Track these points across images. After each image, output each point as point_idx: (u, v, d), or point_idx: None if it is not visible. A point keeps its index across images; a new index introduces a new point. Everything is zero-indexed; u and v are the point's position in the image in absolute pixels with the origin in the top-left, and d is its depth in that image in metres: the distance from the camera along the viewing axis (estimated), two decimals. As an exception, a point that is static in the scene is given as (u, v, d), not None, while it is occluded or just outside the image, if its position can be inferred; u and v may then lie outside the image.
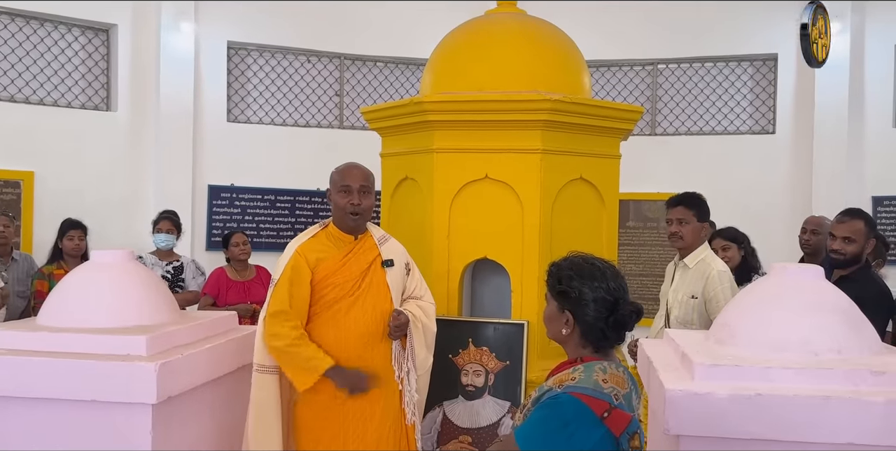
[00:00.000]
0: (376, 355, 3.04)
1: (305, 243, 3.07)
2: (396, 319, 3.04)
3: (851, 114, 6.77)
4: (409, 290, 3.25)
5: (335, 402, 2.97)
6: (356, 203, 3.03)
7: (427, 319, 3.21)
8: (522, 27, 4.30)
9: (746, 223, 5.17)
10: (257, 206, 7.17)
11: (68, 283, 2.44)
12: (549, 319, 1.98)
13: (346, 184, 3.05)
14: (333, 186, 3.11)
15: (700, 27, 7.34)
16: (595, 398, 1.77)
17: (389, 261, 3.13)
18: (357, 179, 3.07)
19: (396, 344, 3.09)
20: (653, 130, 7.64)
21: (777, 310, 2.08)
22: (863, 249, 3.42)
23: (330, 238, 3.11)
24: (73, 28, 6.58)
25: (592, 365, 1.87)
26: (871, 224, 3.46)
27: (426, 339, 3.19)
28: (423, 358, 3.18)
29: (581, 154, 4.00)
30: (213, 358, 2.39)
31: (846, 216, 3.49)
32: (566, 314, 1.92)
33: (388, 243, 3.21)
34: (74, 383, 2.12)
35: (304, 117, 7.56)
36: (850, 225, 3.42)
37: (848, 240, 3.40)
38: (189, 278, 5.12)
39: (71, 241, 4.91)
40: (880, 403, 1.82)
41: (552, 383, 1.88)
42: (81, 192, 6.30)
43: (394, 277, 3.14)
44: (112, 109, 6.69)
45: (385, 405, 3.04)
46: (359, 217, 3.06)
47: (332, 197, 3.10)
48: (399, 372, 3.07)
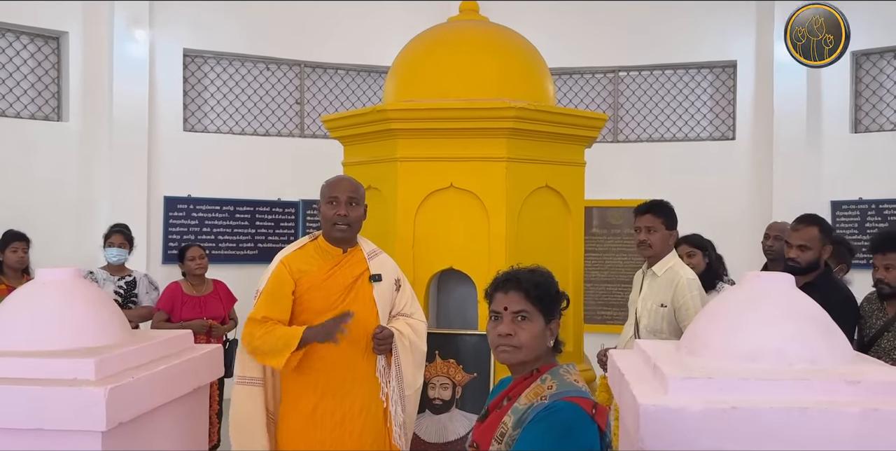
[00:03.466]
0: (360, 371, 2.99)
1: (291, 254, 3.07)
2: (380, 332, 2.99)
3: (810, 120, 6.87)
4: (399, 306, 3.20)
5: (315, 414, 2.94)
6: (343, 214, 3.01)
7: (416, 336, 3.15)
8: (486, 34, 4.27)
9: (708, 229, 5.19)
10: (215, 217, 7.00)
11: (11, 303, 2.30)
12: (536, 336, 1.90)
13: (333, 195, 3.04)
14: (322, 198, 3.09)
15: (660, 35, 7.40)
16: (583, 398, 1.80)
17: (377, 276, 3.09)
18: (345, 190, 3.06)
19: (381, 360, 3.04)
20: (615, 137, 7.67)
21: (749, 319, 2.04)
22: (819, 255, 3.41)
23: (318, 250, 3.08)
24: (21, 35, 6.37)
25: (556, 371, 1.90)
26: (825, 230, 3.46)
27: (415, 358, 3.14)
28: (412, 377, 3.13)
29: (546, 162, 3.97)
30: (167, 380, 2.27)
31: (800, 223, 3.48)
32: (552, 324, 1.92)
33: (378, 258, 3.18)
34: (17, 410, 1.98)
35: (263, 126, 7.43)
36: (804, 232, 3.41)
37: (803, 247, 3.39)
38: (142, 293, 4.96)
39: (14, 253, 4.74)
40: (856, 413, 1.79)
41: (528, 399, 1.85)
42: (31, 205, 6.09)
43: (381, 292, 3.10)
44: (63, 118, 6.49)
45: (366, 422, 2.98)
46: (346, 228, 3.04)
47: (321, 208, 3.09)
48: (384, 388, 3.01)
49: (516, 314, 1.89)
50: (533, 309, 1.89)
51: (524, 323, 1.88)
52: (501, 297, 1.93)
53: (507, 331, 1.88)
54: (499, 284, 1.95)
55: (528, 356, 1.89)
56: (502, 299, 1.92)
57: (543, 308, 1.91)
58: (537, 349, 1.90)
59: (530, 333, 1.88)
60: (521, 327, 1.88)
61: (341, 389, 2.96)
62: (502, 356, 1.91)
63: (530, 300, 1.89)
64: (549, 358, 1.94)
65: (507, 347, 1.89)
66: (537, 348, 1.89)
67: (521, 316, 1.89)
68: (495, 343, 1.92)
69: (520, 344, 1.88)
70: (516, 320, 1.89)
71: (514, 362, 1.92)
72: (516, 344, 1.88)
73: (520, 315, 1.89)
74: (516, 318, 1.89)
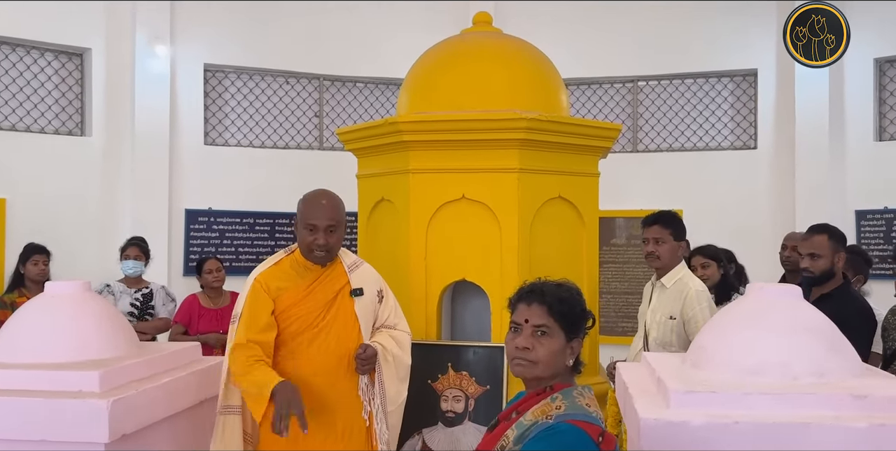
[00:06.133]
0: (341, 391, 2.84)
1: (267, 271, 2.92)
2: (363, 352, 2.84)
3: (832, 128, 6.76)
4: (382, 318, 3.05)
5: (297, 436, 2.69)
6: (322, 243, 2.84)
7: (399, 350, 2.99)
8: (498, 46, 4.27)
9: (730, 240, 5.14)
10: (236, 230, 7.07)
11: (21, 316, 2.34)
12: (555, 353, 1.84)
13: (312, 223, 2.84)
14: (300, 218, 2.90)
15: (679, 44, 7.35)
16: (590, 424, 1.72)
17: (358, 290, 2.94)
18: (324, 218, 2.84)
19: (364, 378, 2.90)
20: (634, 147, 7.62)
21: (754, 332, 2.01)
22: (832, 263, 3.36)
23: (294, 266, 2.93)
24: (46, 53, 6.50)
25: (570, 391, 1.82)
26: (836, 237, 3.41)
27: (398, 372, 2.99)
28: (396, 392, 2.98)
29: (559, 173, 3.95)
30: (171, 393, 2.29)
31: (809, 233, 3.46)
32: (573, 343, 1.86)
33: (359, 270, 3.02)
34: (22, 421, 2.01)
35: (283, 139, 7.49)
36: (814, 241, 3.37)
37: (814, 256, 3.35)
38: (159, 304, 5.01)
39: (35, 266, 4.80)
40: (862, 428, 1.75)
41: (534, 416, 1.79)
42: (55, 218, 6.18)
43: (363, 306, 2.95)
44: (86, 133, 6.60)
45: (350, 442, 2.85)
46: (325, 255, 2.88)
47: (298, 230, 2.92)
48: (367, 407, 2.88)
49: (537, 328, 1.83)
50: (555, 324, 1.83)
51: (544, 338, 1.83)
52: (524, 308, 1.87)
53: (524, 344, 1.83)
54: (523, 294, 1.89)
55: (544, 373, 1.84)
56: (524, 310, 1.86)
57: (566, 325, 1.84)
58: (554, 367, 1.84)
59: (549, 349, 1.82)
60: (541, 341, 1.83)
61: (324, 410, 2.80)
62: (517, 369, 1.86)
63: (553, 315, 1.83)
64: (567, 377, 1.87)
65: (524, 360, 1.84)
66: (554, 365, 1.84)
67: (542, 331, 1.83)
68: (512, 355, 1.87)
69: (536, 359, 1.82)
70: (536, 335, 1.83)
71: (528, 377, 1.87)
72: (533, 359, 1.83)
73: (540, 329, 1.83)
74: (536, 332, 1.83)
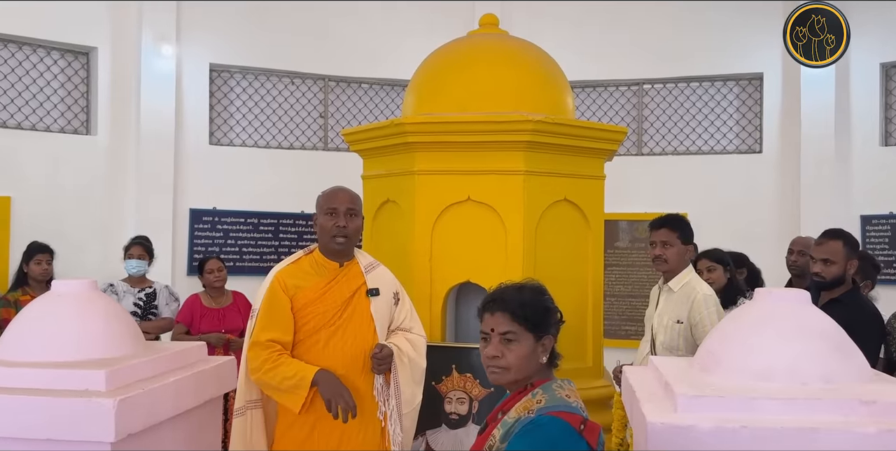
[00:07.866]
0: (357, 391, 2.86)
1: (285, 269, 2.98)
2: (379, 352, 2.89)
3: (838, 132, 6.75)
4: (398, 321, 3.09)
5: (312, 435, 2.84)
6: (342, 225, 2.92)
7: (415, 353, 3.04)
8: (504, 48, 4.27)
9: (735, 243, 5.13)
10: (240, 230, 7.07)
11: (26, 315, 2.34)
12: (525, 356, 1.88)
13: (332, 206, 2.96)
14: (319, 210, 3.01)
15: (684, 47, 7.34)
16: (571, 413, 1.78)
17: (375, 290, 2.99)
18: (343, 201, 2.98)
19: (380, 379, 2.93)
20: (639, 150, 7.61)
21: (763, 337, 2.00)
22: (844, 269, 3.35)
23: (313, 265, 2.99)
24: (52, 51, 6.51)
25: (549, 385, 1.89)
26: (850, 244, 3.40)
27: (413, 374, 3.03)
28: (411, 395, 3.02)
29: (565, 175, 3.95)
30: (178, 392, 2.28)
31: (824, 238, 3.44)
32: (544, 340, 1.91)
33: (375, 271, 3.07)
34: (28, 420, 2.00)
35: (287, 139, 7.50)
36: (828, 246, 3.36)
37: (827, 262, 3.34)
38: (162, 304, 5.01)
39: (39, 265, 4.80)
40: (871, 434, 1.74)
41: (517, 413, 1.85)
42: (60, 217, 6.19)
43: (379, 307, 3.00)
44: (92, 132, 6.60)
45: (364, 442, 2.88)
46: (345, 240, 2.95)
47: (318, 220, 3.00)
48: (382, 408, 2.91)
49: (503, 336, 1.88)
50: (520, 328, 1.87)
51: (512, 345, 1.88)
52: (489, 318, 1.92)
53: (493, 353, 1.88)
54: (486, 304, 1.94)
55: (518, 376, 1.89)
56: (489, 320, 1.91)
57: (531, 327, 1.89)
58: (527, 369, 1.89)
59: (517, 354, 1.87)
60: (509, 348, 1.88)
61: None
62: (492, 377, 1.92)
63: (517, 321, 1.88)
64: (544, 373, 1.93)
65: (496, 368, 1.89)
66: (527, 367, 1.89)
67: (508, 338, 1.88)
68: (485, 364, 1.93)
69: (507, 365, 1.88)
70: (503, 342, 1.88)
71: (503, 383, 1.93)
72: (504, 365, 1.88)
73: (506, 337, 1.88)
74: (503, 339, 1.88)
